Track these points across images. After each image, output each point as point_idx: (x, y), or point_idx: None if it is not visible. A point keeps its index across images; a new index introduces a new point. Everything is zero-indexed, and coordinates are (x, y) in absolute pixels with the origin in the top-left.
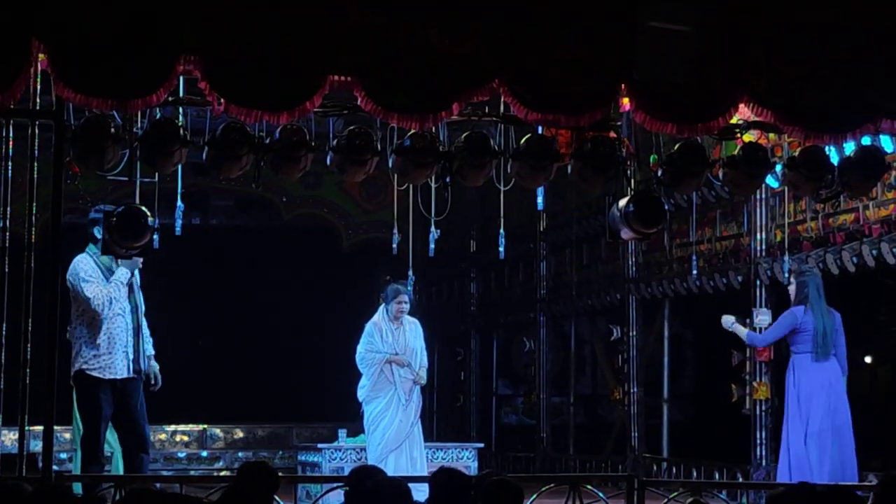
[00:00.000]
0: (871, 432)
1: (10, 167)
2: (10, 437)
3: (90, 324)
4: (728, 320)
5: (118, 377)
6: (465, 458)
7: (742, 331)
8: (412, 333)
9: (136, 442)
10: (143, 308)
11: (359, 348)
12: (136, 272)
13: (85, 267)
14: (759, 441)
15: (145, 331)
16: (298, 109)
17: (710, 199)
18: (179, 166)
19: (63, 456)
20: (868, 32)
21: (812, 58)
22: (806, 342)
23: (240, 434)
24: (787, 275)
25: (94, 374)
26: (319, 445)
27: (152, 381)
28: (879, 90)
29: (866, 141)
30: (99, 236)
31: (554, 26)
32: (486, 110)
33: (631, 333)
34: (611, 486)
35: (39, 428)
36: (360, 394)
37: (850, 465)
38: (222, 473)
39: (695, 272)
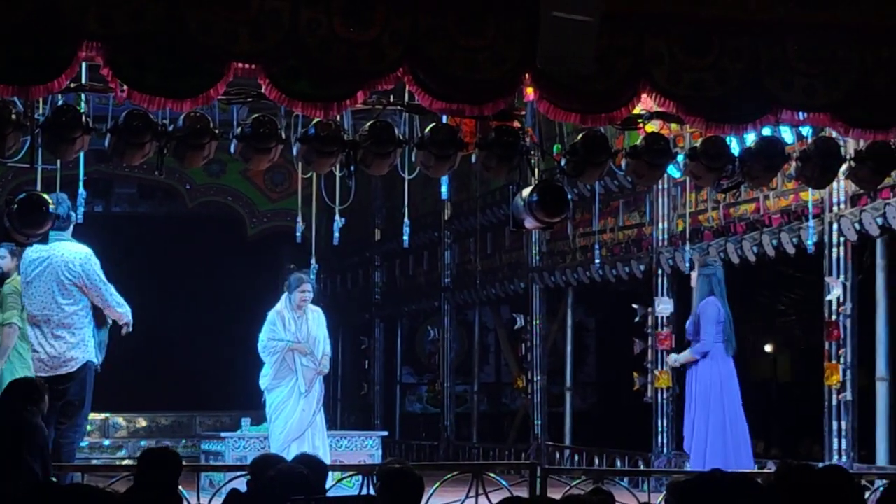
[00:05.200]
0: (770, 420)
1: None
2: None
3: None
4: (673, 358)
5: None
6: (368, 447)
7: (685, 355)
8: (315, 322)
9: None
10: None
11: (261, 336)
12: None
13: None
14: (660, 429)
15: None
16: (202, 97)
17: (612, 189)
18: (82, 153)
19: None
20: (767, 24)
21: (713, 49)
22: (720, 333)
23: (142, 423)
24: (688, 264)
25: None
26: (222, 434)
27: None
28: (779, 81)
29: (767, 131)
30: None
31: (458, 15)
32: (391, 99)
33: (534, 322)
34: (514, 473)
35: None
36: (263, 382)
37: None
38: (125, 462)
39: (598, 261)
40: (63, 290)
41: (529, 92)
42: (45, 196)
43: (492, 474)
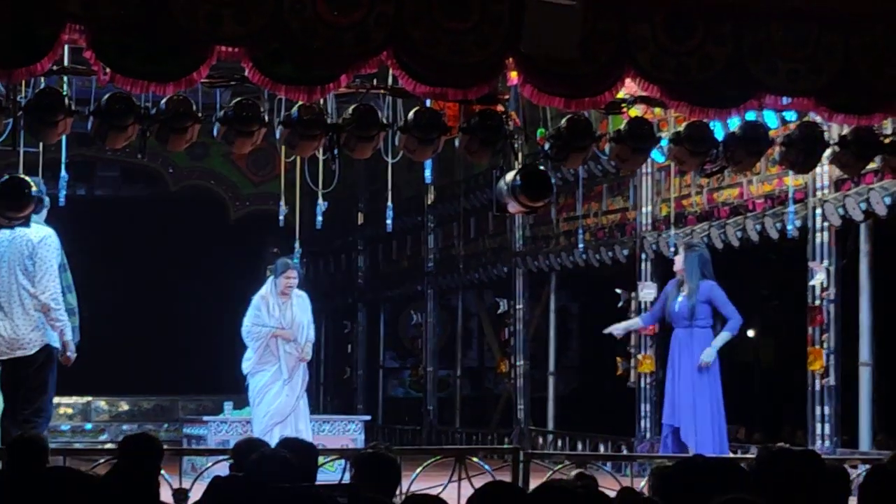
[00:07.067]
0: (753, 405)
1: None
2: None
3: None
4: (712, 353)
5: None
6: (351, 431)
7: (723, 337)
8: (300, 307)
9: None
10: None
11: (245, 321)
12: None
13: None
14: (643, 414)
15: None
16: (185, 80)
17: (596, 174)
18: (64, 136)
19: None
20: (752, 9)
21: (696, 33)
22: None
23: (125, 407)
24: (672, 249)
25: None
26: (205, 418)
27: None
28: (763, 66)
29: (750, 116)
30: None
31: None
32: (375, 82)
33: (517, 306)
34: (496, 458)
35: None
36: (245, 366)
37: None
38: (107, 446)
39: (581, 246)
40: (25, 271)
41: (513, 76)
42: (28, 179)
43: (474, 459)
